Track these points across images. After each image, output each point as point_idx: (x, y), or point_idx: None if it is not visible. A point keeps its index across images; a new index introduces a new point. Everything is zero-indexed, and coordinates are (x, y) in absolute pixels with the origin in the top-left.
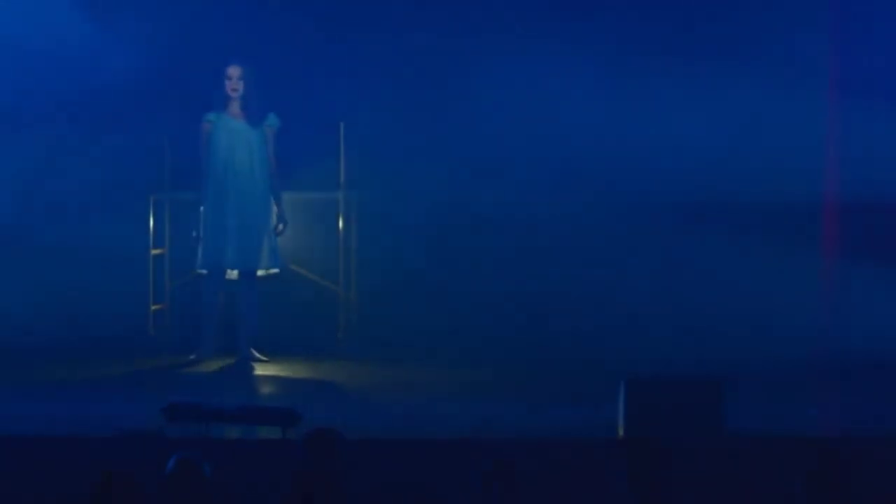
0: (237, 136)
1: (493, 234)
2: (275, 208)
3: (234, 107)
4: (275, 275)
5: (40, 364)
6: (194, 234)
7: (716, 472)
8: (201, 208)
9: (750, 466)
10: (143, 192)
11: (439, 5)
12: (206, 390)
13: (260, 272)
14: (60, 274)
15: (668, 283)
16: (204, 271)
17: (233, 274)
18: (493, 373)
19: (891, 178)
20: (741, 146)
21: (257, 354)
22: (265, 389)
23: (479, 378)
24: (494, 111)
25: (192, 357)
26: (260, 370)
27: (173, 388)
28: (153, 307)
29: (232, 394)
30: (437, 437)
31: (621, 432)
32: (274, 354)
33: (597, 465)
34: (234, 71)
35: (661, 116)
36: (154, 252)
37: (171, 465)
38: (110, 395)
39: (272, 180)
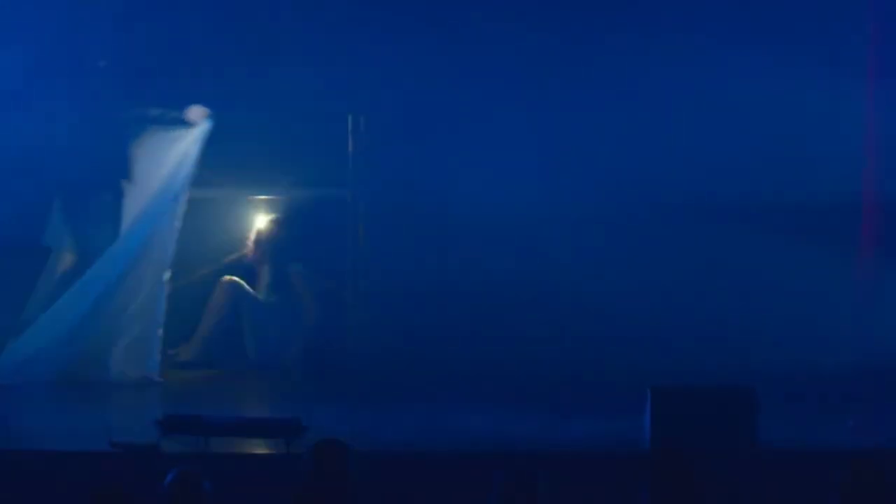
0: None
1: (510, 236)
2: None
3: None
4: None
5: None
6: None
7: (748, 487)
8: None
9: (785, 481)
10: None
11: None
12: (205, 400)
13: None
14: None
15: (697, 287)
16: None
17: None
18: (511, 381)
19: None
20: (775, 144)
21: None
22: (268, 399)
23: (496, 386)
24: (511, 105)
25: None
26: (262, 378)
27: (169, 398)
28: None
29: (232, 404)
30: (452, 449)
31: (647, 445)
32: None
33: (621, 480)
34: None
35: (689, 114)
36: None
37: (169, 480)
38: (102, 406)
39: None
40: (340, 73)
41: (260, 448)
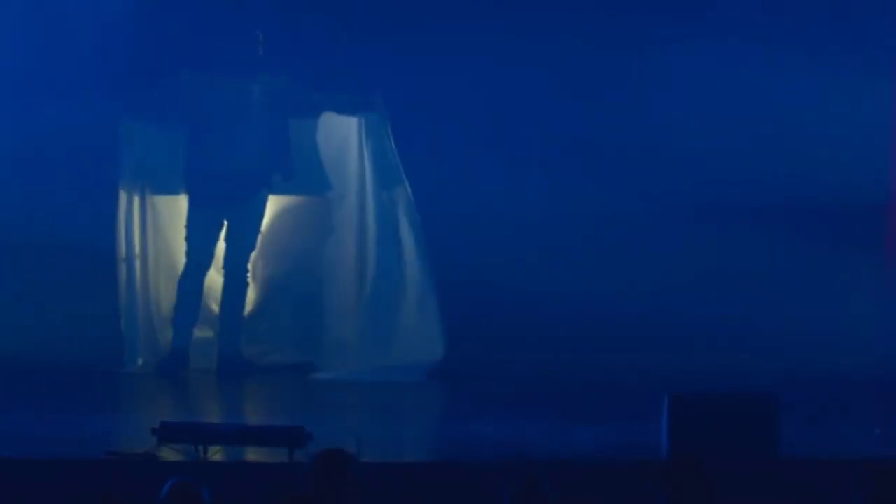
0: None
1: (526, 237)
2: None
3: None
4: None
5: (18, 377)
6: None
7: (769, 498)
8: None
9: (807, 491)
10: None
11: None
12: (203, 407)
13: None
14: (43, 276)
15: (716, 289)
16: None
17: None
18: (521, 387)
19: None
20: (798, 141)
21: None
22: (270, 406)
23: (506, 392)
24: (533, 97)
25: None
26: (264, 384)
27: (166, 404)
28: None
29: (232, 411)
30: (460, 460)
31: (664, 454)
32: (280, 368)
33: (636, 491)
34: None
35: (710, 111)
36: None
37: (166, 491)
38: (96, 413)
39: None
40: (349, 72)
41: (262, 457)
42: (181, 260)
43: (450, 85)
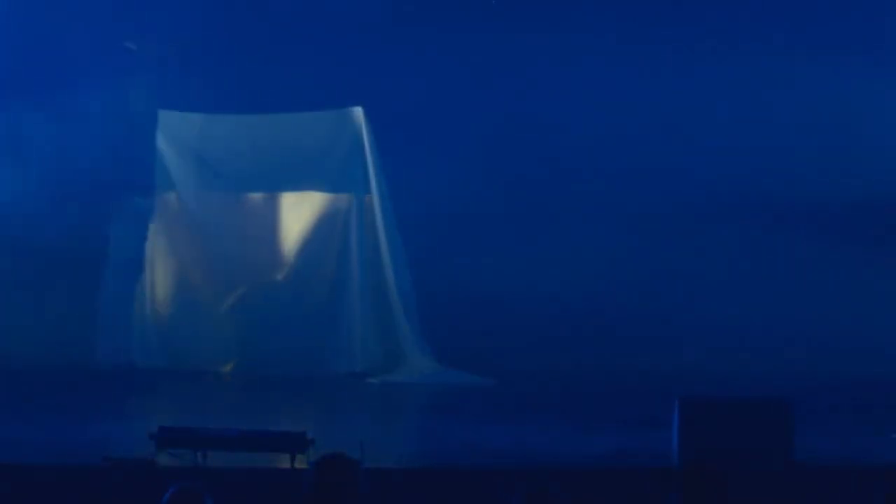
0: None
1: (536, 238)
2: None
3: None
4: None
5: (11, 381)
6: None
7: None
8: None
9: (823, 498)
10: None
11: None
12: (203, 412)
13: None
14: (39, 280)
15: (731, 292)
16: None
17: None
18: (528, 391)
19: None
20: (814, 142)
21: None
22: (271, 411)
23: (511, 397)
24: (541, 94)
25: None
26: (265, 389)
27: (164, 408)
28: None
29: (233, 416)
30: (462, 466)
31: (675, 459)
32: (282, 372)
33: (647, 498)
34: None
35: (736, 113)
36: None
37: (167, 498)
38: (95, 418)
39: None
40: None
41: (263, 462)
42: (178, 263)
43: (449, 85)
